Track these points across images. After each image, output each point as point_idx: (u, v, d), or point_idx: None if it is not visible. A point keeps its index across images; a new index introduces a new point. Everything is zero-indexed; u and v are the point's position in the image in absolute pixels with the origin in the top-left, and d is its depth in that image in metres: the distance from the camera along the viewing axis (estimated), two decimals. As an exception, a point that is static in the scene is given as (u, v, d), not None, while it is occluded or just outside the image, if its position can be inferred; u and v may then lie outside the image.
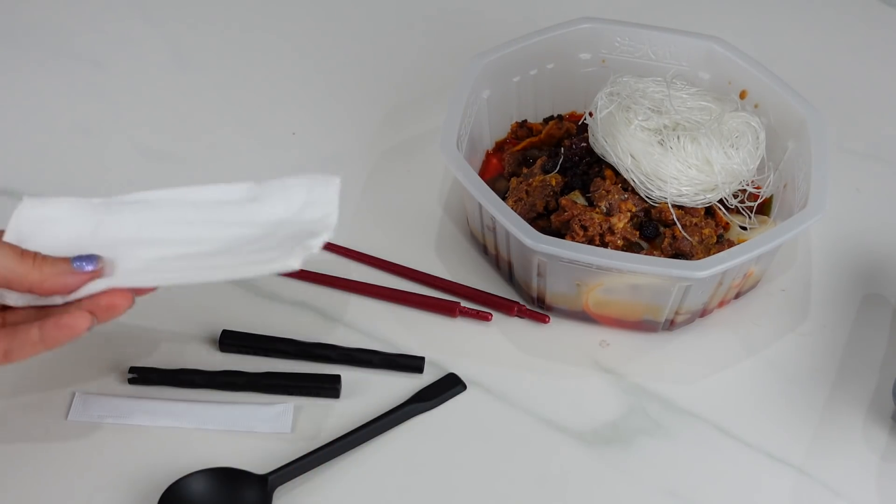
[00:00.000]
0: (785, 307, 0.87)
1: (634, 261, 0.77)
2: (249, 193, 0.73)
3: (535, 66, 0.93)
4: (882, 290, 0.88)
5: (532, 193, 0.85)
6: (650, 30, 0.93)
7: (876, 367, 0.83)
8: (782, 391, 0.81)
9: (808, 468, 0.77)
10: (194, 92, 1.02)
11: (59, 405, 0.77)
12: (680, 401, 0.80)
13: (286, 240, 0.70)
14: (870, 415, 0.80)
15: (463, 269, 0.88)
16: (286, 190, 0.73)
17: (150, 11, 1.10)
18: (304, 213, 0.72)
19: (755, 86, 0.90)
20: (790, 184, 0.86)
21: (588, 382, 0.82)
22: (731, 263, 0.77)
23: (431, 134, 0.95)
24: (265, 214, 0.72)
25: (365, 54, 1.07)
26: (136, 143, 0.97)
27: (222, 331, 0.81)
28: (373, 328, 0.84)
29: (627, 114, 0.83)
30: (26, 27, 1.07)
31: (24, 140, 0.97)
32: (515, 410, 0.80)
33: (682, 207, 0.82)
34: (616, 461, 0.77)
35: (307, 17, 1.11)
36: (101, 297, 0.67)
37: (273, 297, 0.86)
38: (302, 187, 0.72)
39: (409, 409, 0.78)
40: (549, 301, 0.84)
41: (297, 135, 0.99)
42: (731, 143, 0.82)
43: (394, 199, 0.94)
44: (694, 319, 0.85)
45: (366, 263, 0.88)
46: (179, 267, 0.69)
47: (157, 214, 0.72)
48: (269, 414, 0.77)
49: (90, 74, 1.03)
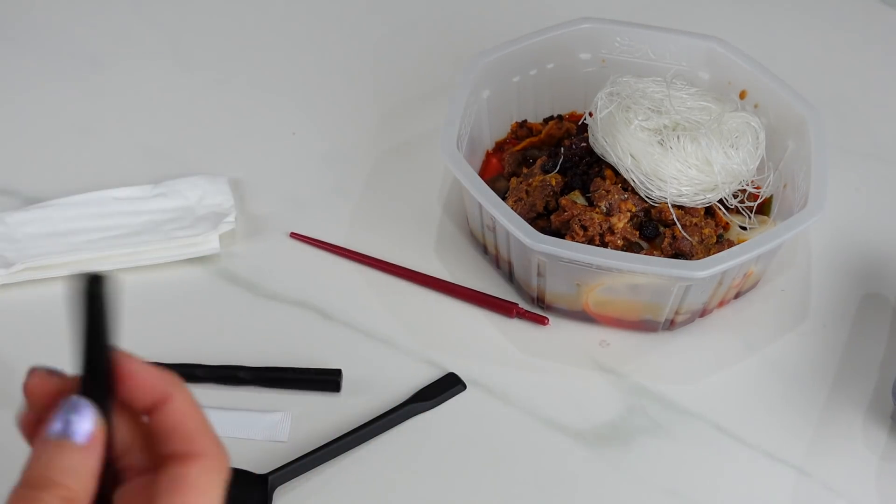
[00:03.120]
0: (785, 307, 0.87)
1: (634, 261, 0.77)
2: (154, 191, 0.91)
3: (535, 66, 0.93)
4: (882, 289, 0.88)
5: (532, 193, 0.85)
6: (650, 30, 0.93)
7: (876, 367, 0.83)
8: (782, 391, 0.81)
9: (808, 468, 0.77)
10: (194, 92, 1.02)
11: (59, 405, 0.77)
12: (680, 401, 0.80)
13: (198, 221, 0.88)
14: (869, 415, 0.80)
15: (463, 269, 0.88)
16: (184, 186, 0.91)
17: (150, 11, 1.10)
18: (203, 200, 0.90)
19: (755, 86, 0.90)
20: (790, 184, 0.86)
21: (588, 382, 0.82)
22: (731, 263, 0.77)
23: (431, 134, 0.95)
24: (173, 203, 0.90)
25: (365, 54, 1.07)
26: (136, 143, 0.97)
27: None
28: (373, 328, 0.84)
29: (627, 114, 0.83)
30: (26, 27, 1.07)
31: (24, 140, 0.97)
32: (515, 410, 0.80)
33: (682, 207, 0.82)
34: (616, 461, 0.77)
35: (307, 16, 1.10)
36: None
37: (273, 297, 0.86)
38: (196, 184, 0.91)
39: (409, 409, 0.78)
40: (549, 301, 0.84)
41: (297, 135, 0.99)
42: (731, 143, 0.82)
43: (394, 199, 0.94)
44: (694, 319, 0.85)
45: (365, 264, 0.88)
46: (113, 245, 0.86)
47: (84, 210, 0.88)
48: (267, 422, 0.77)
49: (90, 74, 1.03)
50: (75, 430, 0.44)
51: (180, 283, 0.86)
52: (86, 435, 0.44)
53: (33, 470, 0.43)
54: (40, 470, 0.43)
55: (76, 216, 0.88)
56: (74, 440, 0.44)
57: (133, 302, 0.85)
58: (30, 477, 0.43)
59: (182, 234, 0.87)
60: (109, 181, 0.92)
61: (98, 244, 0.86)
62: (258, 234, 0.90)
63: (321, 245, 0.89)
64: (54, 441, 0.44)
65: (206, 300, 0.85)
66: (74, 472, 0.43)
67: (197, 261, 0.88)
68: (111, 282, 0.45)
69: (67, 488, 0.43)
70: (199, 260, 0.88)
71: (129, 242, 0.86)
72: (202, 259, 0.88)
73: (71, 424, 0.44)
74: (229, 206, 0.90)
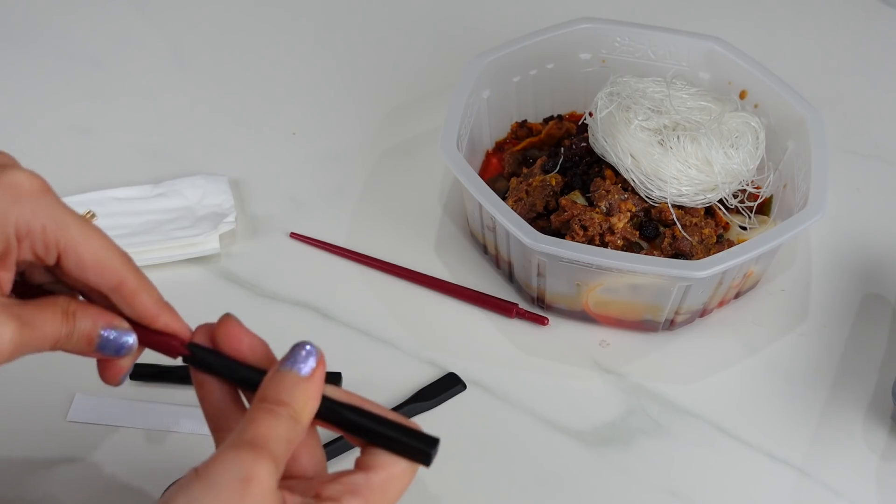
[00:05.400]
0: (785, 307, 0.87)
1: (634, 261, 0.77)
2: (154, 191, 0.91)
3: (535, 66, 0.93)
4: (882, 290, 0.88)
5: (532, 193, 0.85)
6: (650, 30, 0.93)
7: (876, 367, 0.83)
8: (782, 391, 0.81)
9: (808, 468, 0.77)
10: (194, 92, 1.02)
11: (59, 405, 0.77)
12: (680, 401, 0.80)
13: (199, 221, 0.88)
14: (869, 415, 0.80)
15: (463, 269, 0.88)
16: (184, 186, 0.91)
17: (150, 11, 1.10)
18: (204, 200, 0.90)
19: (755, 86, 0.90)
20: (790, 184, 0.86)
21: (588, 382, 0.82)
22: (731, 263, 0.77)
23: (431, 134, 0.95)
24: (173, 203, 0.90)
25: (365, 54, 1.07)
26: (136, 143, 0.97)
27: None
28: (373, 328, 0.84)
29: (627, 114, 0.83)
30: (26, 27, 1.07)
31: (24, 140, 0.97)
32: (515, 410, 0.80)
33: (682, 207, 0.82)
34: (616, 461, 0.77)
35: (307, 16, 1.10)
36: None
37: (273, 297, 0.86)
38: (196, 184, 0.91)
39: (409, 409, 0.78)
40: (549, 301, 0.84)
41: (297, 135, 0.99)
42: (731, 143, 0.82)
43: (394, 199, 0.94)
44: (694, 319, 0.85)
45: (365, 264, 0.88)
46: None
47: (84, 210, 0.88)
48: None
49: (90, 74, 1.03)
50: (301, 367, 0.55)
51: (180, 283, 0.86)
52: (310, 369, 0.55)
53: (268, 390, 0.55)
54: (273, 392, 0.54)
55: None
56: (301, 373, 0.55)
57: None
58: (265, 395, 0.54)
59: (182, 235, 0.87)
60: (109, 181, 0.92)
61: None
62: (258, 234, 0.90)
63: (321, 245, 0.89)
64: (286, 371, 0.55)
65: (206, 300, 0.85)
66: (300, 395, 0.55)
67: (197, 261, 0.88)
68: None
69: (292, 407, 0.54)
70: (199, 260, 0.88)
71: (129, 242, 0.86)
72: (202, 259, 0.88)
73: (298, 362, 0.55)
74: (229, 206, 0.90)
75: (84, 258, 0.56)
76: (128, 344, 0.59)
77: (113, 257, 0.57)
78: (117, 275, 0.57)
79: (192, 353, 0.59)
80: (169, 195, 0.90)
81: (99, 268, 0.57)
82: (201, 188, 0.91)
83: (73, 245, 0.56)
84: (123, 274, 0.57)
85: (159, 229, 0.88)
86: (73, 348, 0.58)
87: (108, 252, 0.57)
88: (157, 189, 0.91)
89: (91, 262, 0.56)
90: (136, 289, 0.58)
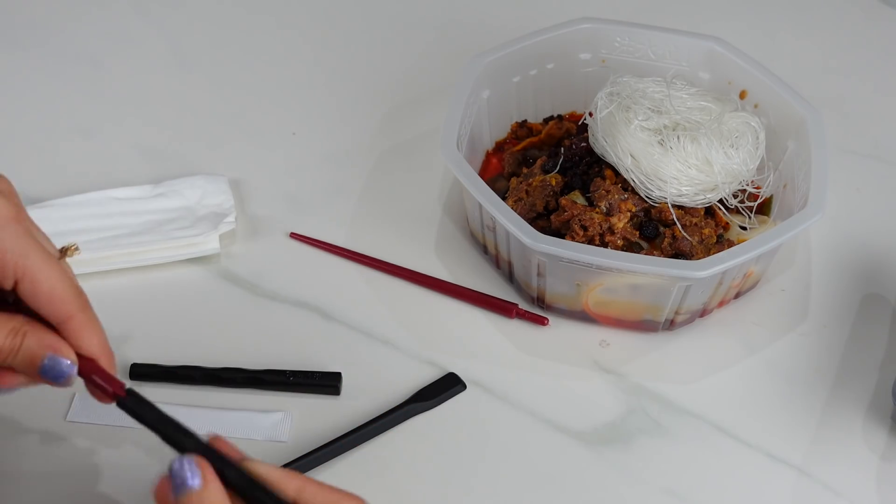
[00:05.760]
0: (785, 307, 0.87)
1: (634, 261, 0.77)
2: (154, 191, 0.91)
3: (535, 66, 0.93)
4: (882, 290, 0.88)
5: (532, 193, 0.85)
6: (650, 30, 0.93)
7: (876, 367, 0.83)
8: (782, 391, 0.81)
9: (808, 468, 0.77)
10: (194, 92, 1.02)
11: (59, 405, 0.77)
12: (680, 401, 0.80)
13: (199, 221, 0.88)
14: (869, 415, 0.80)
15: (463, 269, 0.88)
16: (184, 186, 0.91)
17: (150, 11, 1.10)
18: (204, 200, 0.90)
19: (755, 86, 0.90)
20: (790, 184, 0.86)
21: (588, 382, 0.82)
22: (731, 263, 0.77)
23: (431, 134, 0.95)
24: (173, 203, 0.90)
25: (365, 54, 1.07)
26: (136, 143, 0.97)
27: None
28: (373, 328, 0.84)
29: (627, 114, 0.83)
30: (26, 27, 1.07)
31: (24, 140, 0.97)
32: (515, 410, 0.80)
33: (682, 207, 0.82)
34: (616, 461, 0.77)
35: (307, 16, 1.11)
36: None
37: (273, 297, 0.86)
38: (196, 184, 0.91)
39: (409, 409, 0.78)
40: (549, 301, 0.84)
41: (297, 135, 0.99)
42: (731, 143, 0.82)
43: (394, 198, 0.94)
44: (694, 319, 0.85)
45: (365, 264, 0.88)
46: (113, 245, 0.86)
47: (85, 210, 0.88)
48: (267, 422, 0.77)
49: (90, 74, 1.03)
50: (192, 482, 0.56)
51: (180, 283, 0.86)
52: (200, 479, 0.56)
53: None
54: None
55: (76, 216, 0.88)
56: (196, 487, 0.56)
57: (133, 302, 0.86)
58: None
59: (182, 235, 0.87)
60: (109, 181, 0.92)
61: (98, 244, 0.86)
62: (258, 234, 0.90)
63: (321, 245, 0.89)
64: (183, 499, 0.56)
65: (206, 300, 0.85)
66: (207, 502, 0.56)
67: (197, 261, 0.88)
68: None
69: None
70: (199, 260, 0.88)
71: (129, 242, 0.86)
72: (202, 259, 0.88)
73: (187, 481, 0.56)
74: (229, 206, 0.90)
75: (39, 288, 0.60)
76: (66, 374, 0.61)
77: (67, 292, 0.60)
78: (67, 309, 0.60)
79: (128, 398, 0.61)
80: (169, 195, 0.90)
81: (51, 300, 0.60)
82: (201, 188, 0.91)
83: (30, 274, 0.59)
84: (74, 310, 0.60)
85: (159, 229, 0.88)
86: (18, 365, 0.61)
87: (64, 286, 0.60)
88: (157, 189, 0.91)
89: (44, 293, 0.60)
90: (83, 327, 0.61)
